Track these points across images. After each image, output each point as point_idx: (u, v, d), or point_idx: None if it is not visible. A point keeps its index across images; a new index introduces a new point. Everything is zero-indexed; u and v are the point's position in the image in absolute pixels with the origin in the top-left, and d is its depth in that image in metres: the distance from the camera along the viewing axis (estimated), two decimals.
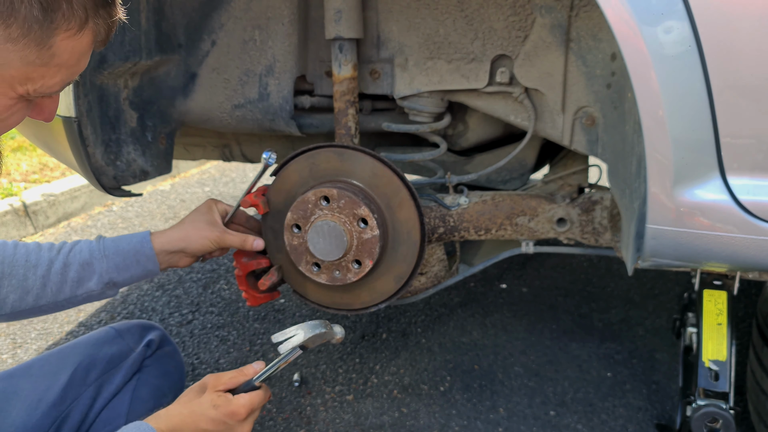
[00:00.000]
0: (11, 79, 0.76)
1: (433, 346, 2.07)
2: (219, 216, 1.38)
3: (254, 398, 1.15)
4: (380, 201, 1.37)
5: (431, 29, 1.40)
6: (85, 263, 1.26)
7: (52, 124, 1.42)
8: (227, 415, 1.12)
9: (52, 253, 1.25)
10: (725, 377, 1.35)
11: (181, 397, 1.16)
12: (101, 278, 1.27)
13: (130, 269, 1.29)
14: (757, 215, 1.05)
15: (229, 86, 1.56)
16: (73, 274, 1.25)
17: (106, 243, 1.29)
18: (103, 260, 1.27)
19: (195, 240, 1.33)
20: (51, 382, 1.22)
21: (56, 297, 1.25)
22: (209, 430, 1.11)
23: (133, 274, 1.30)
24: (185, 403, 1.14)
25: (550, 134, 1.41)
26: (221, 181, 4.27)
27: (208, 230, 1.34)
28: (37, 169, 3.84)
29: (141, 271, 1.31)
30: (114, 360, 1.30)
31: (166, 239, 1.32)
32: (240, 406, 1.12)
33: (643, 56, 0.97)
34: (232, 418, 1.12)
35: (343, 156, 1.38)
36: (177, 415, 1.11)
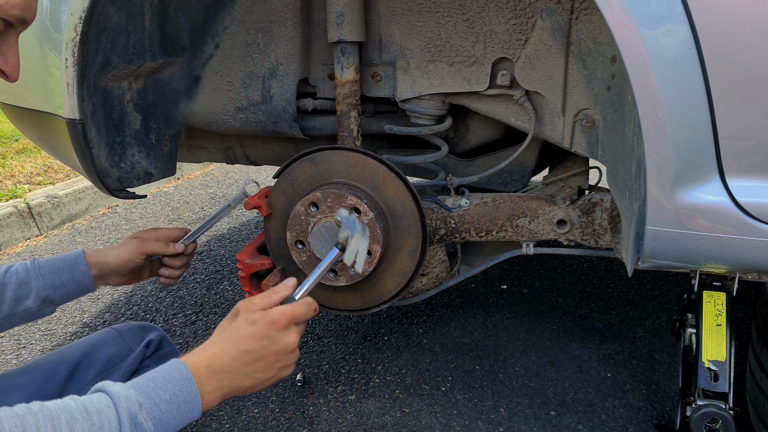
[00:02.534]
0: None
1: (435, 346, 2.08)
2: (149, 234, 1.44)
3: (294, 307, 1.05)
4: (365, 186, 1.39)
5: (433, 32, 1.41)
6: (22, 282, 1.29)
7: (57, 127, 1.43)
8: (266, 326, 1.02)
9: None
10: (725, 378, 1.35)
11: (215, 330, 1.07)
12: (38, 295, 1.30)
13: (66, 286, 1.34)
14: (756, 217, 1.05)
15: (233, 89, 1.57)
16: (11, 293, 1.28)
17: (40, 263, 1.33)
18: (39, 278, 1.31)
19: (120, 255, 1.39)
20: (49, 377, 1.24)
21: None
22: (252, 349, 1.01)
23: (69, 291, 1.34)
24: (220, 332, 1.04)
25: (551, 136, 1.42)
26: (225, 183, 4.28)
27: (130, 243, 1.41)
28: (42, 171, 3.86)
29: (77, 287, 1.35)
30: (113, 360, 1.31)
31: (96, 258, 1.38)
32: (279, 314, 1.02)
33: (643, 59, 0.98)
34: (272, 328, 1.02)
35: (315, 160, 1.40)
36: (212, 346, 1.01)
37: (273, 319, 1.02)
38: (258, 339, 1.00)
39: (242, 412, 1.75)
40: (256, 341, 1.00)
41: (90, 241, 3.13)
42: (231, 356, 0.99)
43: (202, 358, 0.98)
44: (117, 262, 1.39)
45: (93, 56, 1.31)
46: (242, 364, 1.00)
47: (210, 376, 0.97)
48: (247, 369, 1.00)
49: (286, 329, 1.03)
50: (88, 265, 1.35)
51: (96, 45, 1.31)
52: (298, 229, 1.38)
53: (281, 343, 1.02)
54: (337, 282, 1.39)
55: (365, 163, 1.37)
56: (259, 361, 1.01)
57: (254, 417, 1.73)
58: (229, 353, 0.99)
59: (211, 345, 1.01)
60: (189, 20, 1.51)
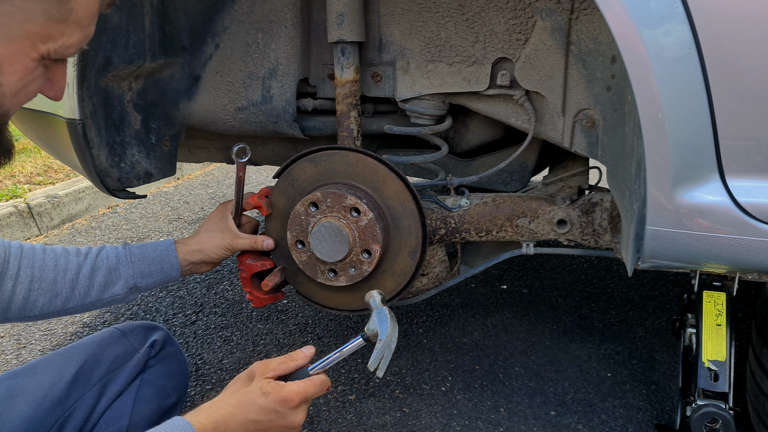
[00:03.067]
0: (35, 36, 0.75)
1: (435, 346, 2.08)
2: (231, 220, 1.43)
3: (308, 386, 1.07)
4: (365, 186, 1.39)
5: (432, 32, 1.41)
6: (112, 268, 1.31)
7: (57, 127, 1.43)
8: (278, 402, 1.04)
9: (80, 257, 1.29)
10: (725, 378, 1.35)
11: (228, 387, 1.10)
12: (126, 283, 1.32)
13: (154, 275, 1.35)
14: (757, 217, 1.05)
15: (233, 89, 1.57)
16: (100, 278, 1.29)
17: (132, 249, 1.34)
18: (129, 266, 1.32)
19: (210, 249, 1.39)
20: (55, 380, 1.24)
21: (83, 300, 1.29)
22: (260, 420, 1.03)
23: (156, 280, 1.36)
24: (232, 393, 1.07)
25: (551, 136, 1.42)
26: (225, 183, 4.28)
27: (220, 238, 1.40)
28: (42, 171, 3.86)
29: (163, 278, 1.37)
30: (118, 360, 1.31)
31: (187, 252, 1.38)
32: (292, 393, 1.05)
33: (643, 59, 0.98)
34: (284, 406, 1.04)
35: (315, 160, 1.40)
36: (222, 407, 1.03)
37: (286, 397, 1.04)
38: (267, 412, 1.03)
39: None
40: (265, 414, 1.03)
41: (90, 241, 3.13)
42: (237, 422, 1.02)
43: (210, 420, 1.00)
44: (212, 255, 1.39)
45: (93, 56, 1.31)
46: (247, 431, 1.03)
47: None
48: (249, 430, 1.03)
49: (297, 408, 1.06)
50: (179, 257, 1.36)
51: (96, 45, 1.31)
52: (298, 229, 1.38)
53: (288, 420, 1.05)
54: (336, 282, 1.39)
55: (365, 163, 1.37)
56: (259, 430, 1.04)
57: None
58: (237, 419, 1.02)
59: (220, 406, 1.03)
60: (189, 20, 1.51)
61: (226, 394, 1.07)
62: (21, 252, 1.24)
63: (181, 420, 0.99)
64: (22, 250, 1.25)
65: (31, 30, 0.75)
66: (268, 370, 1.08)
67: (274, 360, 1.10)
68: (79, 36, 0.80)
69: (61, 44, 0.78)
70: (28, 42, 0.75)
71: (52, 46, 0.77)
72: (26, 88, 0.80)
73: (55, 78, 0.85)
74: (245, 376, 1.10)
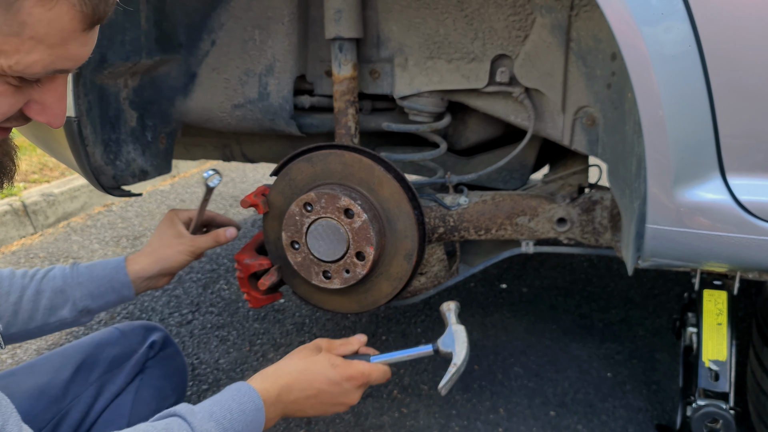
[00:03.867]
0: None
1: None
2: (183, 225, 1.39)
3: (374, 369, 1.13)
4: (360, 187, 1.36)
5: (431, 29, 1.40)
6: (58, 290, 1.24)
7: None
8: (345, 377, 1.09)
9: (25, 280, 1.23)
10: (725, 377, 1.35)
11: (293, 354, 1.13)
12: (75, 306, 1.25)
13: (105, 296, 1.28)
14: (757, 215, 1.05)
15: (229, 86, 1.56)
16: (46, 301, 1.22)
17: (79, 270, 1.27)
18: (76, 288, 1.25)
19: (169, 258, 1.34)
20: (53, 377, 1.22)
21: (27, 325, 1.22)
22: (323, 390, 1.08)
23: (108, 301, 1.29)
24: (299, 359, 1.11)
25: (550, 134, 1.41)
26: (221, 180, 4.27)
27: (179, 244, 1.35)
28: (37, 169, 3.84)
29: (116, 297, 1.30)
30: (117, 360, 1.30)
31: (140, 267, 1.32)
32: (358, 372, 1.11)
33: (643, 56, 0.97)
34: (348, 382, 1.09)
35: (312, 160, 1.38)
36: (287, 374, 1.07)
37: (353, 374, 1.10)
38: (332, 384, 1.08)
39: None
40: (329, 385, 1.08)
41: (85, 239, 3.12)
42: (301, 388, 1.06)
43: (275, 386, 1.04)
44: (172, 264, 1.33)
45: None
46: (306, 397, 1.07)
47: (276, 404, 1.03)
48: (309, 402, 1.08)
49: (358, 387, 1.11)
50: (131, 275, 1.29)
51: None
52: (293, 230, 1.36)
53: (347, 397, 1.11)
54: (331, 285, 1.38)
55: (361, 164, 1.35)
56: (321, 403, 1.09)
57: None
58: (301, 385, 1.06)
59: (286, 373, 1.07)
60: (185, 17, 1.49)
61: (293, 360, 1.10)
62: None
63: (246, 386, 1.01)
64: None
65: None
66: (332, 347, 1.14)
67: (336, 341, 1.16)
68: (40, 55, 0.70)
69: (17, 61, 0.69)
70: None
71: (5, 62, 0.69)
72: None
73: (46, 101, 0.77)
74: (312, 347, 1.14)
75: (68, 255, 2.92)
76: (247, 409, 0.98)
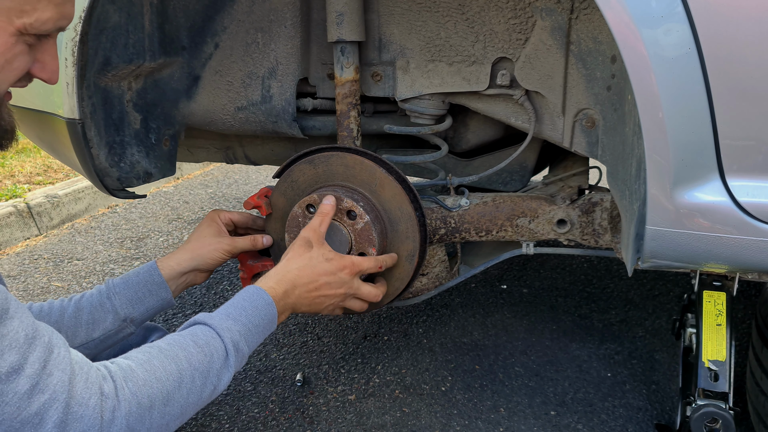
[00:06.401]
0: (9, 11, 0.80)
1: (435, 346, 2.07)
2: (223, 226, 1.42)
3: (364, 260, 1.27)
4: (362, 189, 1.37)
5: (432, 32, 1.41)
6: (97, 305, 1.26)
7: (56, 127, 1.43)
8: (339, 267, 1.22)
9: (64, 302, 1.27)
10: (725, 378, 1.35)
11: (287, 253, 1.22)
12: (117, 316, 1.27)
13: (144, 301, 1.30)
14: (757, 217, 1.05)
15: (232, 88, 1.57)
16: (87, 317, 1.25)
17: (114, 281, 1.30)
18: (114, 297, 1.27)
19: (207, 255, 1.36)
20: None
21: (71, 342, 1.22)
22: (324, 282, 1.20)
23: (148, 306, 1.30)
24: (294, 257, 1.21)
25: (551, 136, 1.42)
26: (224, 182, 4.28)
27: (217, 242, 1.38)
28: (41, 170, 3.86)
29: (156, 301, 1.31)
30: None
31: (175, 262, 1.34)
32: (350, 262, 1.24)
33: (643, 59, 0.98)
34: (342, 271, 1.22)
35: (314, 162, 1.39)
36: (289, 271, 1.18)
37: (346, 264, 1.23)
38: (330, 275, 1.20)
39: (242, 412, 1.75)
40: (328, 276, 1.20)
41: (89, 240, 3.13)
42: (304, 283, 1.18)
43: (281, 284, 1.14)
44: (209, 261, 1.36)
45: (93, 56, 1.31)
46: (309, 291, 1.18)
47: (284, 299, 1.14)
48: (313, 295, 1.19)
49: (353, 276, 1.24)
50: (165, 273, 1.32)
51: (96, 44, 1.31)
52: (296, 231, 1.37)
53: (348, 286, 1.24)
54: None
55: (363, 165, 1.36)
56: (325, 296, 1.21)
57: (254, 417, 1.73)
58: (303, 281, 1.17)
59: (287, 271, 1.18)
60: (188, 20, 1.51)
61: (289, 260, 1.20)
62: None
63: (254, 287, 1.12)
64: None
65: (4, 5, 0.80)
66: (314, 230, 1.24)
67: (314, 220, 1.27)
68: (52, 12, 0.84)
69: (36, 19, 0.82)
70: (3, 17, 0.80)
71: (27, 20, 0.82)
72: (9, 65, 0.84)
73: (45, 59, 0.89)
74: (302, 243, 1.23)
75: (72, 256, 2.93)
76: (259, 305, 1.09)
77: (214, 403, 1.79)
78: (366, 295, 1.30)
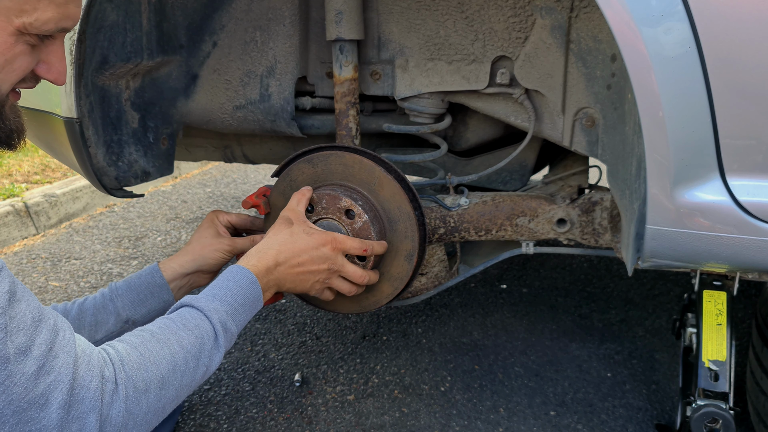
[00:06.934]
0: (8, 10, 0.80)
1: (434, 346, 2.07)
2: (222, 227, 1.42)
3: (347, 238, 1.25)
4: (361, 188, 1.36)
5: (432, 30, 1.41)
6: (100, 307, 1.28)
7: (54, 125, 1.42)
8: (321, 242, 1.20)
9: (68, 305, 1.28)
10: (725, 377, 1.35)
11: (270, 231, 1.23)
12: (119, 317, 1.28)
13: (146, 302, 1.31)
14: (757, 216, 1.05)
15: (231, 87, 1.56)
16: (90, 318, 1.26)
17: (117, 284, 1.31)
18: (117, 299, 1.29)
19: (207, 255, 1.37)
20: None
21: None
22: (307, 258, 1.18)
23: (150, 308, 1.31)
24: (277, 233, 1.21)
25: (550, 135, 1.42)
26: (222, 182, 4.27)
27: (217, 242, 1.38)
28: (39, 170, 3.85)
29: (158, 303, 1.32)
30: None
31: (177, 264, 1.35)
32: (332, 237, 1.22)
33: (643, 57, 0.97)
34: (324, 246, 1.20)
35: (313, 161, 1.38)
36: (270, 247, 1.17)
37: (327, 239, 1.21)
38: (311, 249, 1.19)
39: (240, 412, 1.75)
40: (309, 250, 1.19)
41: (87, 240, 3.12)
42: (286, 258, 1.17)
43: (262, 261, 1.14)
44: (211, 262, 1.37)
45: (90, 54, 1.31)
46: (292, 266, 1.18)
47: (267, 275, 1.15)
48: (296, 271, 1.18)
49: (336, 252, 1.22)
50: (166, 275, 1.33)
51: (93, 43, 1.30)
52: None
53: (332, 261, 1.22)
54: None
55: (361, 165, 1.35)
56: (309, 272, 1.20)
57: (252, 417, 1.73)
58: (285, 256, 1.17)
59: (268, 247, 1.17)
60: (186, 18, 1.50)
61: (270, 237, 1.21)
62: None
63: (237, 266, 1.12)
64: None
65: (3, 4, 0.80)
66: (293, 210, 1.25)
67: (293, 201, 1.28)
68: (53, 12, 0.84)
69: (36, 18, 0.82)
70: (2, 16, 0.80)
71: (26, 20, 0.82)
72: (10, 64, 0.84)
73: (51, 60, 0.90)
74: (283, 221, 1.24)
75: (70, 256, 2.93)
76: (243, 284, 1.10)
77: (213, 403, 1.79)
78: (352, 274, 1.26)
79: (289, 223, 1.23)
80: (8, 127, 0.89)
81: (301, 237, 1.19)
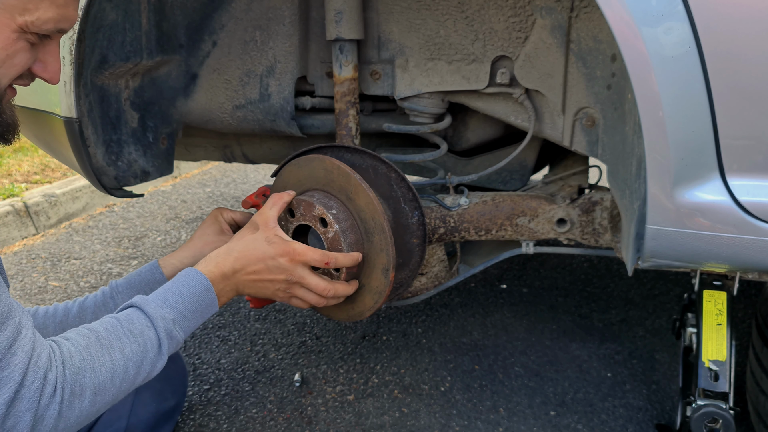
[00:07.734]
0: (12, 8, 0.85)
1: (434, 346, 2.07)
2: (226, 224, 1.41)
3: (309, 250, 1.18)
4: (340, 195, 1.29)
5: (432, 30, 1.41)
6: (101, 304, 1.29)
7: (54, 125, 1.42)
8: (279, 253, 1.15)
9: (68, 303, 1.29)
10: (725, 377, 1.35)
11: (236, 235, 1.22)
12: None
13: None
14: (757, 216, 1.05)
15: (230, 87, 1.56)
16: (91, 316, 1.27)
17: (117, 282, 1.32)
18: (117, 297, 1.29)
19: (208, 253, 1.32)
20: None
21: None
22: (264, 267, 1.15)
23: None
24: (240, 239, 1.19)
25: (551, 135, 1.42)
26: (222, 181, 4.27)
27: (220, 240, 1.37)
28: (39, 169, 3.85)
29: None
30: None
31: (177, 260, 1.35)
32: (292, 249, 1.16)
33: (643, 57, 0.97)
34: (282, 257, 1.15)
35: (300, 165, 1.34)
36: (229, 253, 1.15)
37: (287, 250, 1.16)
38: (269, 258, 1.15)
39: (240, 412, 1.75)
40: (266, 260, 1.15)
41: (87, 240, 3.12)
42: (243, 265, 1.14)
43: (219, 267, 1.13)
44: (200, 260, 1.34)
45: (90, 54, 1.31)
46: (249, 273, 1.15)
47: (223, 282, 1.13)
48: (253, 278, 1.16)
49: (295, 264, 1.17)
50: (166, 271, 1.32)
51: (93, 43, 1.30)
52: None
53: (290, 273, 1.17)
54: None
55: (339, 171, 1.28)
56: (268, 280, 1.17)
57: (252, 417, 1.73)
58: (242, 263, 1.14)
59: (226, 253, 1.16)
60: (186, 18, 1.50)
61: (233, 242, 1.19)
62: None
63: (193, 271, 1.11)
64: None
65: (8, 2, 0.84)
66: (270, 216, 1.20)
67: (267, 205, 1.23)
68: (53, 12, 0.88)
69: (38, 17, 0.87)
70: (6, 13, 0.85)
71: (29, 18, 0.86)
72: (11, 60, 0.88)
73: (47, 60, 0.94)
74: (250, 226, 1.22)
75: (70, 255, 2.93)
76: (197, 291, 1.09)
77: (213, 403, 1.79)
78: (314, 286, 1.19)
79: (254, 229, 1.20)
80: (5, 121, 0.93)
81: (260, 245, 1.16)
